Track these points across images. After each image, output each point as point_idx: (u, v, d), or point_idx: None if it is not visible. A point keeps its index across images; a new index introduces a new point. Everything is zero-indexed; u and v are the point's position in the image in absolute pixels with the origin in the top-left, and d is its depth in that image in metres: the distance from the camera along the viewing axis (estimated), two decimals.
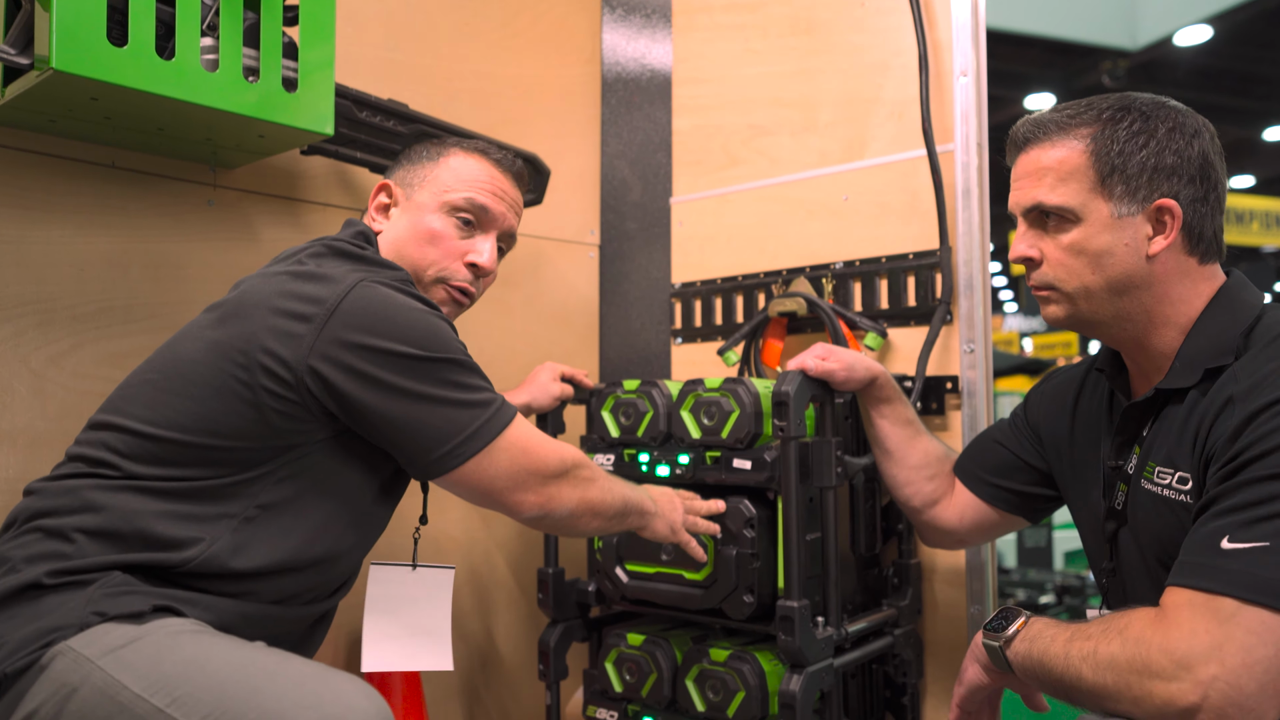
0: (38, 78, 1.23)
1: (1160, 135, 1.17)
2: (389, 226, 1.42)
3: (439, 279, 1.41)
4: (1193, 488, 1.11)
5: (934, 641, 1.82)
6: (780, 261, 2.10)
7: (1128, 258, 1.17)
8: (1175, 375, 1.17)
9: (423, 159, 1.46)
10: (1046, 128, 1.22)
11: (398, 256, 1.39)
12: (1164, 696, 0.95)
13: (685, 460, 1.63)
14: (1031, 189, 1.22)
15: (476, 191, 1.42)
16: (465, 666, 2.02)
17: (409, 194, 1.43)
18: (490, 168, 1.45)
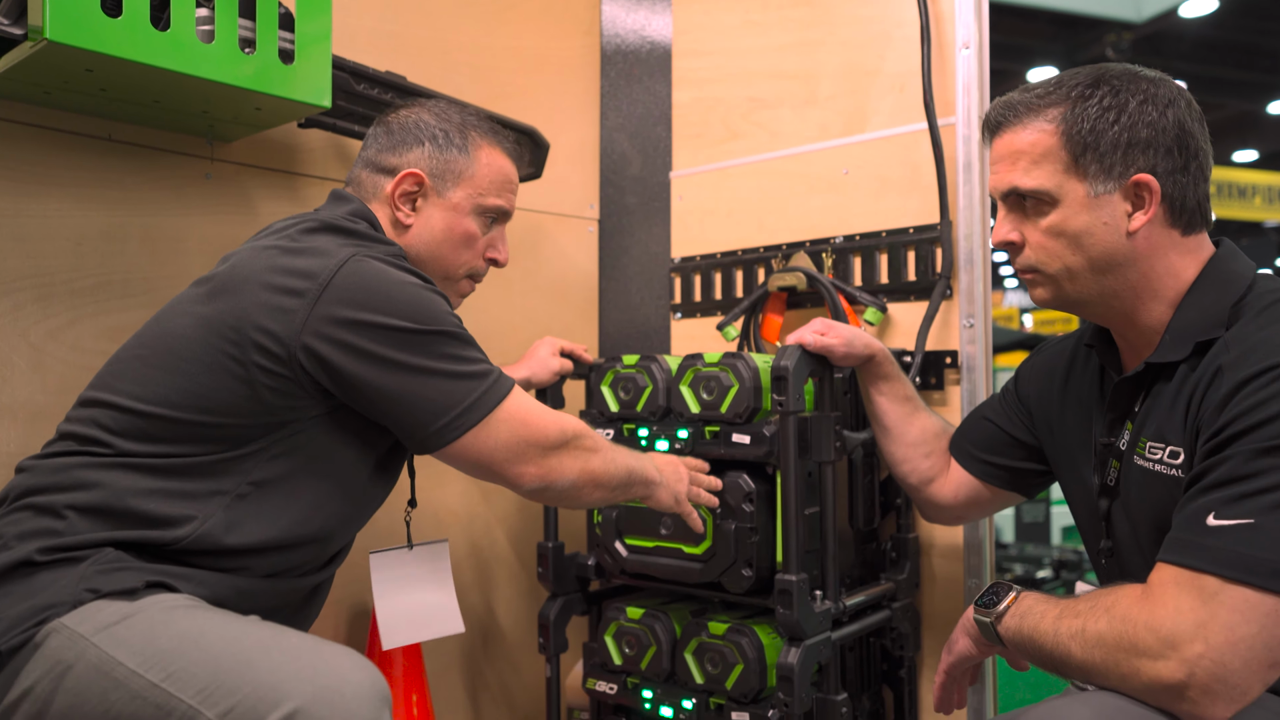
0: (31, 49, 1.22)
1: (1131, 108, 1.15)
2: (418, 220, 1.39)
3: (467, 275, 1.44)
4: (1184, 461, 1.10)
5: (931, 615, 1.83)
6: (780, 236, 2.09)
7: (1108, 236, 1.16)
8: (1165, 349, 1.16)
9: (452, 147, 1.40)
10: (1017, 110, 1.21)
11: (431, 256, 1.39)
12: (1151, 674, 0.96)
13: (684, 435, 1.63)
14: (1007, 173, 1.21)
15: (508, 198, 1.45)
16: (466, 640, 2.03)
17: (440, 189, 1.39)
18: (511, 165, 1.46)
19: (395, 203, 1.37)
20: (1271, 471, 0.96)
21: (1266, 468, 0.97)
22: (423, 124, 1.40)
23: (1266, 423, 0.98)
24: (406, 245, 1.37)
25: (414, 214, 1.38)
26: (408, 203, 1.38)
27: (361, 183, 1.41)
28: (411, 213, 1.38)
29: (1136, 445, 1.18)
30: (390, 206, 1.38)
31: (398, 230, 1.38)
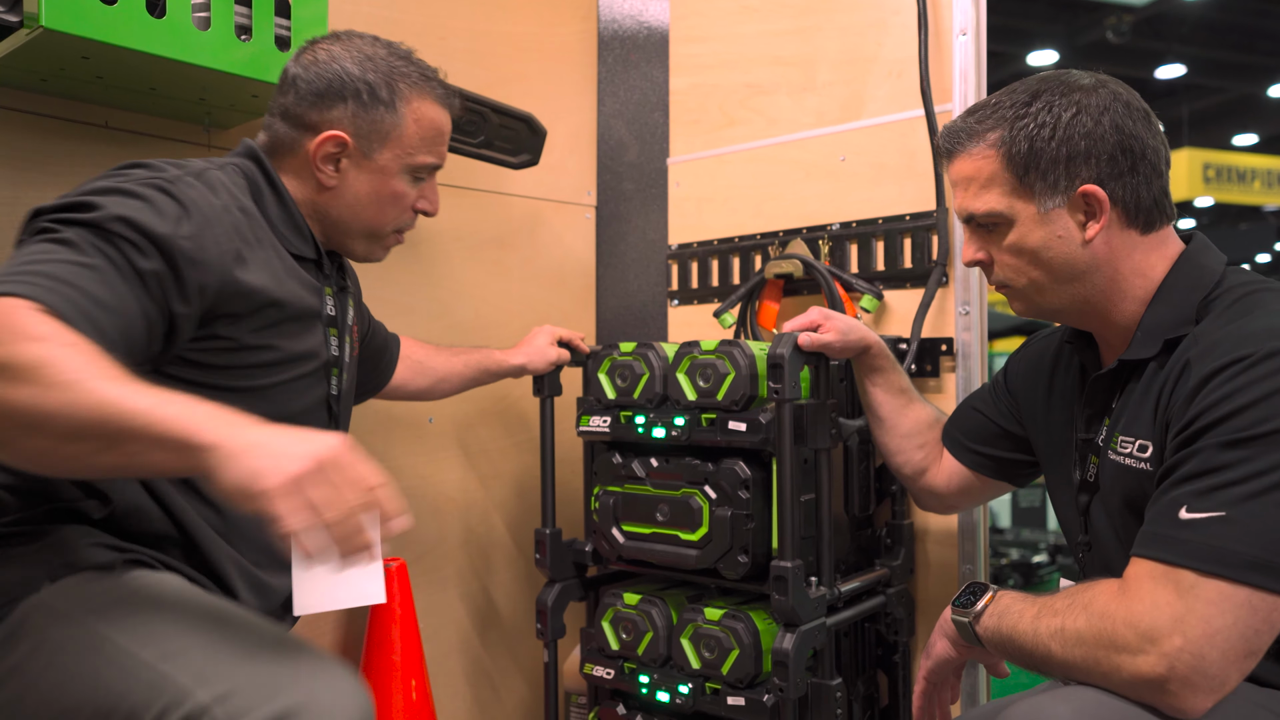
0: (27, 36, 1.22)
1: (1065, 122, 1.16)
2: (341, 183, 1.29)
3: (395, 230, 1.38)
4: (1152, 454, 1.11)
5: (926, 600, 1.84)
6: (777, 223, 2.09)
7: (1064, 248, 1.18)
8: (1137, 346, 1.18)
9: (378, 104, 1.28)
10: (959, 137, 1.24)
11: (354, 218, 1.32)
12: (1131, 670, 0.97)
13: (681, 422, 1.64)
14: (961, 199, 1.25)
15: (439, 152, 1.36)
16: (464, 626, 2.05)
17: (367, 150, 1.29)
18: (443, 114, 1.36)
19: (317, 164, 1.28)
20: (1241, 463, 0.97)
21: (1236, 460, 0.98)
22: (346, 75, 1.27)
23: (1235, 414, 0.99)
24: (328, 207, 1.31)
25: (337, 175, 1.29)
26: (329, 164, 1.29)
27: (278, 135, 1.30)
28: (334, 174, 1.29)
29: (1111, 441, 1.19)
30: (309, 165, 1.28)
31: (318, 191, 1.30)
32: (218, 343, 1.15)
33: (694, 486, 1.62)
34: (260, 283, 1.16)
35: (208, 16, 1.36)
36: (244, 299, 1.14)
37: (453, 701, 2.01)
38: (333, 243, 1.36)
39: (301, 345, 1.26)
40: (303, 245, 1.29)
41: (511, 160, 1.99)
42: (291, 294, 1.23)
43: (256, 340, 1.18)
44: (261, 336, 1.19)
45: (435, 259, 2.01)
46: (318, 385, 1.31)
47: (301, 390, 1.28)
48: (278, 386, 1.23)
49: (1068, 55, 9.02)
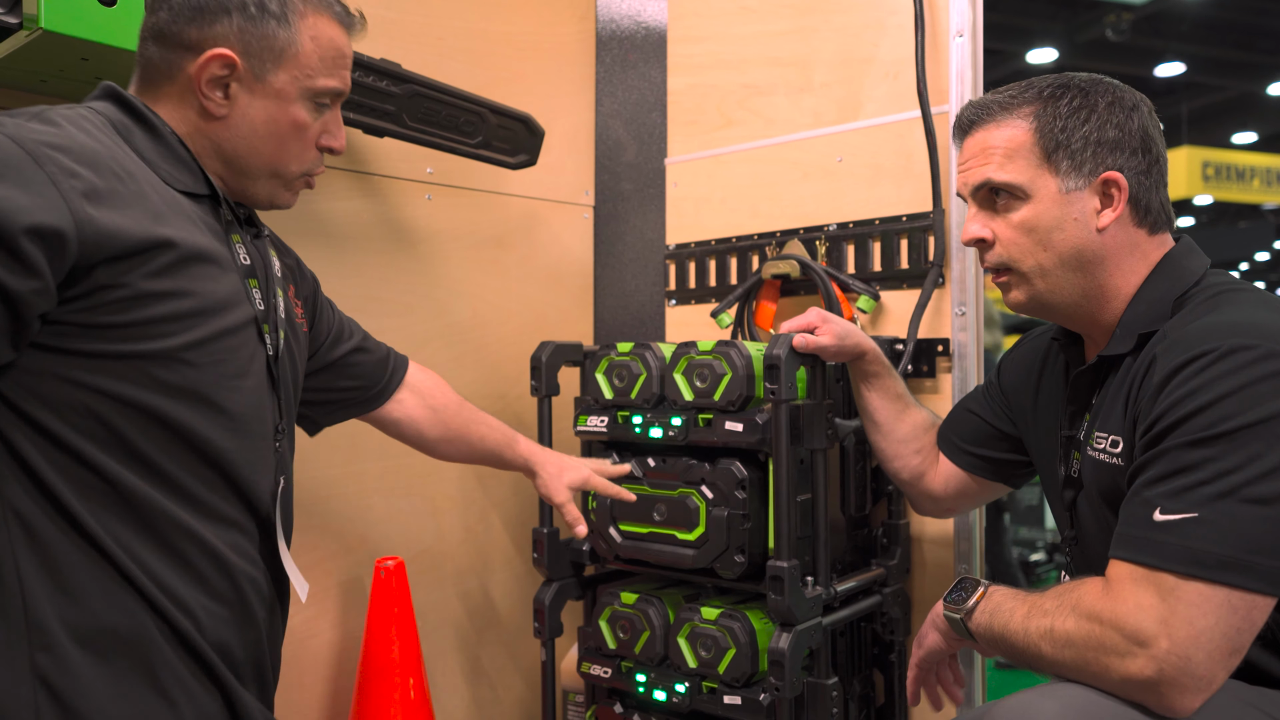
0: (27, 37, 1.22)
1: (1100, 109, 1.19)
2: (234, 111, 1.14)
3: (302, 173, 1.22)
4: (1123, 450, 1.13)
5: (922, 600, 1.85)
6: (774, 223, 2.10)
7: (1078, 232, 1.19)
8: (1115, 342, 1.19)
9: (268, 18, 1.12)
10: (990, 109, 1.24)
11: (252, 151, 1.16)
12: (1121, 672, 0.99)
13: (678, 422, 1.64)
14: (980, 168, 1.23)
15: (342, 76, 1.20)
16: (462, 624, 2.05)
17: (257, 70, 1.13)
18: (342, 34, 1.20)
19: (202, 90, 1.12)
20: (1208, 463, 0.99)
21: (1203, 459, 0.99)
22: None
23: (1198, 412, 1.00)
24: (222, 140, 1.15)
25: (227, 102, 1.13)
26: (217, 89, 1.12)
27: (152, 61, 1.14)
28: (225, 101, 1.13)
29: (1090, 436, 1.21)
30: (195, 93, 1.12)
31: (205, 119, 1.13)
32: (105, 295, 0.98)
33: (691, 486, 1.62)
34: (130, 223, 1.00)
35: None
36: (113, 242, 0.98)
37: (451, 700, 2.02)
38: (231, 189, 1.19)
39: (217, 289, 1.09)
40: (191, 180, 1.12)
41: (509, 160, 1.99)
42: (183, 232, 1.06)
43: (156, 286, 1.02)
44: (161, 281, 1.02)
45: (433, 258, 2.02)
46: (250, 344, 1.14)
47: (234, 350, 1.11)
48: (202, 346, 1.07)
49: (1067, 53, 9.02)
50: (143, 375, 1.02)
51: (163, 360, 1.03)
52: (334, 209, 1.84)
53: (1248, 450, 0.98)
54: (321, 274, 1.80)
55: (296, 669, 1.76)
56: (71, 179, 0.96)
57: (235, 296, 1.12)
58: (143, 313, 1.01)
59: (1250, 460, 0.97)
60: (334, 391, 1.49)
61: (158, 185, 1.08)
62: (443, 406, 1.60)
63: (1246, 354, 1.00)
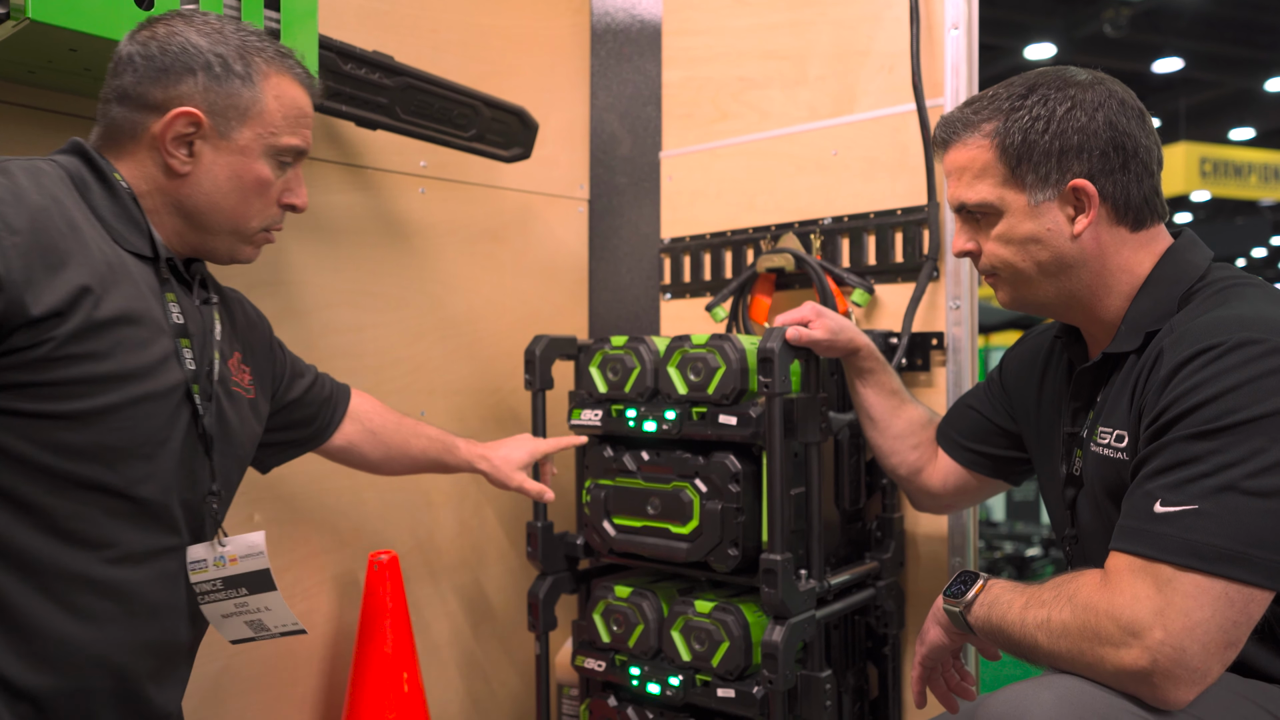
0: (14, 28, 1.21)
1: (1059, 116, 1.18)
2: (198, 168, 1.16)
3: (262, 228, 1.24)
4: (1129, 444, 1.13)
5: (916, 594, 1.85)
6: (769, 217, 2.09)
7: (1053, 241, 1.20)
8: (1120, 340, 1.19)
9: (232, 77, 1.15)
10: (955, 127, 1.25)
11: (215, 208, 1.18)
12: (1116, 662, 0.98)
13: (672, 416, 1.64)
14: (954, 189, 1.26)
15: (304, 135, 1.23)
16: (456, 618, 2.05)
17: (223, 129, 1.15)
18: (304, 94, 1.23)
19: (167, 147, 1.14)
20: (1211, 455, 0.99)
21: (1205, 452, 0.99)
22: (192, 48, 1.14)
23: (1203, 405, 1.00)
24: (184, 197, 1.16)
25: (191, 159, 1.15)
26: (182, 146, 1.15)
27: (115, 122, 1.16)
28: (189, 158, 1.15)
29: (1093, 433, 1.21)
30: (160, 151, 1.14)
31: (168, 176, 1.15)
32: (24, 355, 0.99)
33: (685, 480, 1.62)
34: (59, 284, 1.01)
35: (196, 8, 1.35)
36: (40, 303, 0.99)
37: (445, 694, 2.01)
38: (191, 244, 1.21)
39: (142, 357, 1.09)
40: (137, 240, 1.14)
41: (503, 154, 1.99)
42: (117, 294, 1.07)
43: (75, 349, 1.02)
44: (80, 344, 1.02)
45: (427, 252, 2.01)
46: (173, 410, 1.13)
47: (150, 415, 1.10)
48: (115, 411, 1.06)
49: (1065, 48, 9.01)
50: (47, 436, 1.02)
51: (69, 421, 1.03)
52: (327, 202, 1.83)
53: (1251, 444, 0.98)
54: (314, 268, 1.80)
55: (290, 663, 1.75)
56: (12, 235, 0.97)
57: (161, 362, 1.12)
58: (58, 374, 1.01)
59: (1253, 454, 0.97)
60: (287, 431, 1.48)
61: (105, 244, 1.09)
62: (380, 427, 1.61)
63: (1254, 348, 1.00)
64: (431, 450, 1.65)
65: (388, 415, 1.63)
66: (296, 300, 1.77)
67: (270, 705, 1.73)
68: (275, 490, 1.72)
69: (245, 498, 1.67)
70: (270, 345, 1.45)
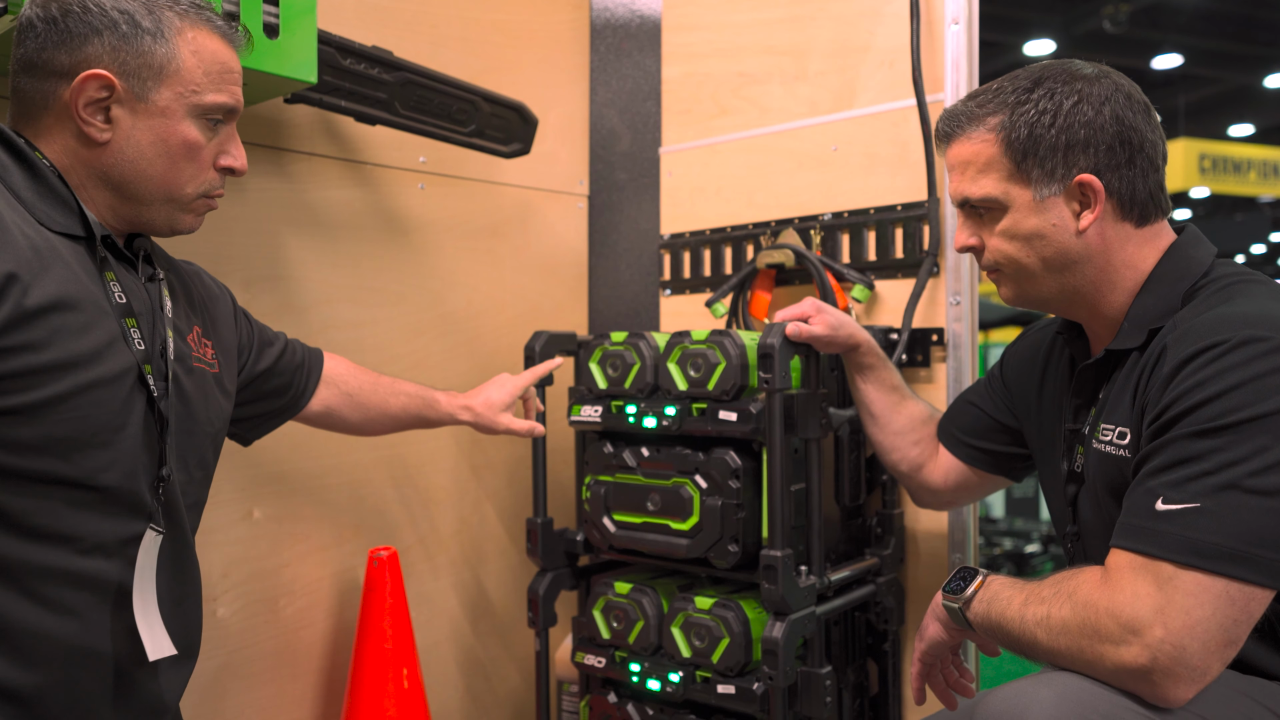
0: (11, 23, 1.21)
1: (1066, 110, 1.17)
2: (117, 134, 1.08)
3: (200, 194, 1.16)
4: (1131, 441, 1.13)
5: (916, 590, 1.85)
6: (769, 213, 2.09)
7: (1058, 237, 1.19)
8: (1123, 336, 1.19)
9: (143, 35, 1.07)
10: (959, 120, 1.24)
11: (142, 176, 1.10)
12: (1115, 660, 0.98)
13: (672, 412, 1.64)
14: (957, 183, 1.25)
15: (231, 91, 1.14)
16: (456, 615, 2.05)
17: (138, 90, 1.07)
18: (224, 45, 1.14)
19: (80, 115, 1.06)
20: (1213, 454, 0.98)
21: (1208, 450, 0.99)
22: (95, 6, 1.06)
23: (1206, 403, 1.00)
24: (108, 167, 1.09)
25: (109, 126, 1.08)
26: (97, 113, 1.07)
27: (25, 94, 1.09)
28: (105, 125, 1.08)
29: (1095, 430, 1.20)
30: (73, 119, 1.07)
31: (87, 147, 1.08)
32: None
33: (685, 476, 1.62)
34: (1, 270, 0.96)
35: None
36: None
37: (444, 690, 2.01)
38: (126, 217, 1.14)
39: (84, 343, 1.03)
40: (67, 220, 1.07)
41: (503, 149, 1.98)
42: (48, 280, 1.00)
43: (9, 341, 0.97)
44: (14, 335, 0.97)
45: (427, 248, 2.01)
46: (126, 394, 1.07)
47: (101, 403, 1.04)
48: (63, 402, 1.01)
49: (1065, 44, 9.00)
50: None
51: (15, 416, 0.98)
52: (326, 198, 1.82)
53: (1254, 442, 0.97)
54: (313, 263, 1.79)
55: (290, 659, 1.75)
56: None
57: (107, 346, 1.06)
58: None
59: (1256, 452, 0.97)
60: (262, 402, 1.45)
61: (29, 228, 1.03)
62: (357, 389, 1.57)
63: (1259, 345, 1.00)
64: (412, 406, 1.62)
65: (363, 376, 1.59)
66: (296, 296, 1.77)
67: (270, 700, 1.73)
68: (275, 486, 1.72)
69: (245, 494, 1.67)
70: (234, 316, 1.39)
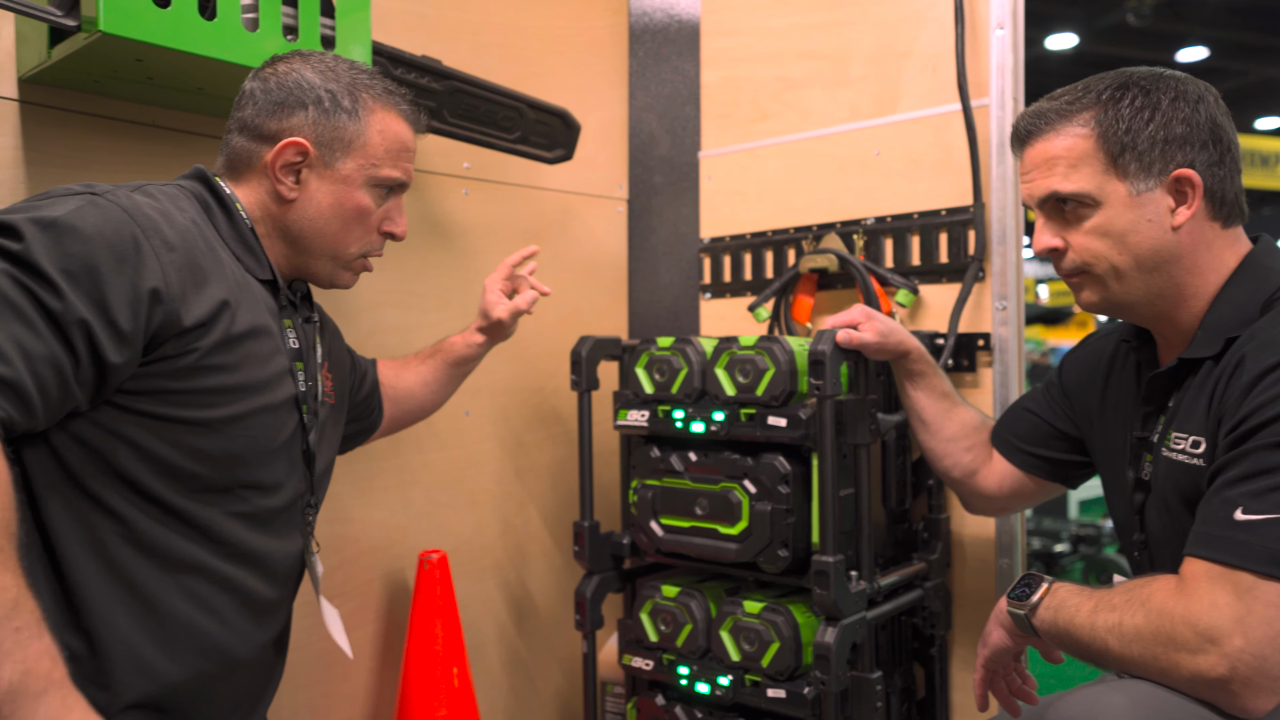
0: (85, 40, 1.23)
1: (1164, 106, 1.17)
2: (303, 195, 1.24)
3: (361, 254, 1.31)
4: (1206, 450, 1.12)
5: (962, 594, 1.85)
6: (810, 217, 2.10)
7: (1153, 233, 1.18)
8: (1198, 345, 1.18)
9: (340, 111, 1.24)
10: (1048, 117, 1.22)
11: (316, 233, 1.25)
12: (1191, 668, 0.98)
13: (720, 417, 1.65)
14: (1044, 179, 1.22)
15: (405, 168, 1.30)
16: (501, 616, 2.07)
17: (328, 159, 1.24)
18: (407, 129, 1.31)
19: (276, 174, 1.22)
20: None
21: None
22: (306, 84, 1.23)
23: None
24: (290, 222, 1.25)
25: (298, 187, 1.24)
26: (290, 174, 1.23)
27: (235, 150, 1.26)
28: (295, 186, 1.24)
29: (1166, 438, 1.20)
30: (269, 178, 1.23)
31: (276, 203, 1.24)
32: (170, 364, 1.06)
33: (733, 481, 1.63)
34: (204, 299, 1.09)
35: (256, 18, 1.37)
36: (189, 315, 1.06)
37: (491, 690, 2.04)
38: (295, 266, 1.29)
39: (264, 371, 1.16)
40: (256, 266, 1.22)
41: (546, 155, 2.00)
42: (246, 310, 1.15)
43: (213, 360, 1.09)
44: (217, 356, 1.10)
45: (470, 253, 2.03)
46: (286, 423, 1.21)
47: (267, 427, 1.17)
48: (239, 421, 1.13)
49: (1087, 38, 8.91)
50: (182, 439, 1.09)
51: (200, 429, 1.10)
52: None
53: None
54: None
55: (342, 658, 1.78)
56: (170, 253, 1.06)
57: (278, 376, 1.19)
58: (196, 383, 1.09)
59: None
60: (350, 425, 1.54)
61: (232, 264, 1.18)
62: (393, 391, 1.65)
63: None
64: (437, 363, 1.69)
65: (387, 372, 1.66)
66: (346, 301, 1.79)
67: (323, 700, 1.76)
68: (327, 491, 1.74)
69: None
70: (345, 350, 1.51)
